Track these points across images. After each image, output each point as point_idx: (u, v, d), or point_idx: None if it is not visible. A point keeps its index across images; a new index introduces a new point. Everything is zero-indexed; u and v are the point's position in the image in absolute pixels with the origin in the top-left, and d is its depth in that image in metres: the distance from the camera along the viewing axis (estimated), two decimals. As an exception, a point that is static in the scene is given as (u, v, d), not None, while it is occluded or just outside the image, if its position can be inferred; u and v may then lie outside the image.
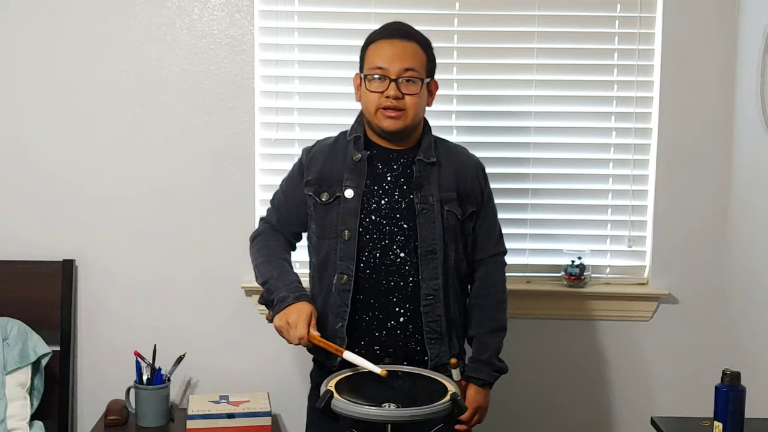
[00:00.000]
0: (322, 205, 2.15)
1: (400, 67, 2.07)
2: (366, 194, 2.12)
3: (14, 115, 2.77)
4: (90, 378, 2.85)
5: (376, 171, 2.14)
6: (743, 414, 1.90)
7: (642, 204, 2.87)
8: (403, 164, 2.15)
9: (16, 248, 2.77)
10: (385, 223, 2.11)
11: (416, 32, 2.15)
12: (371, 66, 2.09)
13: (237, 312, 2.83)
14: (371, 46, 2.13)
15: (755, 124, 2.60)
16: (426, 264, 2.10)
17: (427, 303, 2.11)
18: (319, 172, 2.17)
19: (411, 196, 2.12)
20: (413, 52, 2.10)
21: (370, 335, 2.11)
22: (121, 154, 2.78)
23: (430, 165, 2.14)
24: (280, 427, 2.83)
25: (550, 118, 2.84)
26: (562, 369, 2.90)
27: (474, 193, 2.20)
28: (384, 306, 2.11)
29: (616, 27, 2.82)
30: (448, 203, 2.14)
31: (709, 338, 2.84)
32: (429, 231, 2.11)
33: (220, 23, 2.77)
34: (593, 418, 2.92)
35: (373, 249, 2.11)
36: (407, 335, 2.12)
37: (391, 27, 2.15)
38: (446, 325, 2.13)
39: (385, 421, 1.71)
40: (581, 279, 2.82)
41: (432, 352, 2.12)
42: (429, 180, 2.13)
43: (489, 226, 2.25)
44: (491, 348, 2.20)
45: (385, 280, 2.11)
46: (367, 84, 2.09)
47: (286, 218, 2.25)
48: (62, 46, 2.75)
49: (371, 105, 2.10)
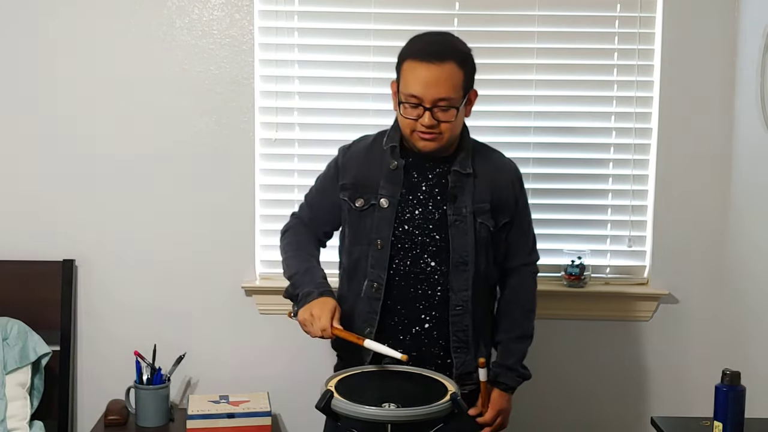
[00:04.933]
0: (357, 211, 2.13)
1: (435, 96, 1.97)
2: (401, 203, 2.10)
3: (14, 115, 2.77)
4: (90, 378, 2.85)
5: (412, 180, 2.11)
6: (743, 414, 1.90)
7: (642, 204, 2.87)
8: (438, 174, 2.11)
9: (16, 248, 2.77)
10: (418, 233, 2.09)
11: (453, 48, 2.03)
12: (405, 92, 2.00)
13: (237, 312, 2.83)
14: (407, 65, 2.01)
15: (755, 124, 2.60)
16: (457, 275, 2.09)
17: (456, 313, 2.10)
18: (354, 177, 2.15)
19: (444, 207, 2.09)
20: (448, 77, 1.98)
21: (394, 339, 2.10)
22: (121, 154, 2.78)
23: (465, 176, 2.11)
24: (280, 427, 2.83)
25: (550, 118, 2.84)
26: (561, 369, 2.90)
27: (508, 203, 2.17)
28: (410, 312, 2.10)
29: (616, 27, 2.82)
30: (482, 215, 2.11)
31: (709, 338, 2.84)
32: (461, 243, 2.09)
33: (220, 23, 2.77)
34: (593, 418, 2.92)
35: (405, 257, 2.10)
36: (431, 340, 2.11)
37: (427, 48, 2.01)
38: (473, 334, 2.12)
39: (385, 421, 1.71)
40: (581, 279, 2.82)
41: (458, 360, 2.12)
42: (463, 191, 2.10)
43: (522, 234, 2.23)
44: (516, 354, 2.20)
45: (413, 288, 2.10)
46: (402, 109, 2.03)
47: (318, 217, 2.24)
48: (62, 46, 2.75)
49: (406, 127, 2.05)
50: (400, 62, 2.05)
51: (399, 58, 2.06)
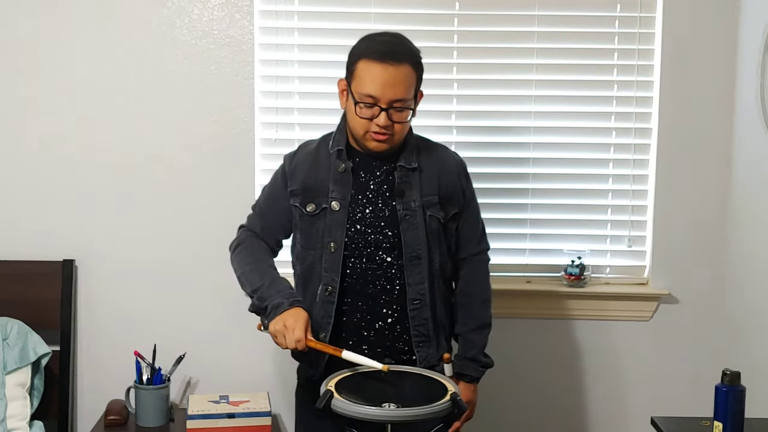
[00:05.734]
0: (308, 216, 2.13)
1: (391, 97, 1.99)
2: (351, 204, 2.11)
3: (14, 115, 2.77)
4: (90, 378, 2.85)
5: (360, 180, 2.13)
6: (743, 414, 1.90)
7: (642, 204, 2.87)
8: (385, 171, 2.13)
9: (16, 248, 2.77)
10: (370, 231, 2.11)
11: (407, 49, 2.05)
12: (361, 92, 2.00)
13: (237, 312, 2.81)
14: (361, 64, 2.02)
15: (755, 124, 2.60)
16: (411, 269, 2.10)
17: (414, 307, 2.11)
18: (303, 182, 2.15)
19: (393, 203, 2.11)
20: (404, 78, 2.00)
21: (358, 335, 2.12)
22: (121, 154, 2.78)
23: (411, 171, 2.13)
24: (280, 427, 2.83)
25: (550, 118, 2.84)
26: (562, 369, 2.90)
27: (456, 194, 2.19)
28: (371, 308, 2.11)
29: (616, 27, 2.82)
30: (430, 208, 2.13)
31: (709, 338, 2.84)
32: (413, 237, 2.10)
33: (220, 23, 2.77)
34: (593, 418, 2.92)
35: (360, 256, 2.11)
36: (395, 335, 2.12)
37: (383, 48, 2.01)
38: (433, 328, 2.13)
39: (385, 421, 1.71)
40: (581, 279, 2.82)
41: (420, 354, 2.12)
42: (411, 186, 2.12)
43: (471, 225, 2.24)
44: (477, 345, 2.21)
45: (371, 284, 2.11)
46: (357, 109, 2.02)
47: (270, 225, 2.23)
48: (62, 46, 2.75)
49: (360, 128, 2.05)
50: (353, 61, 2.06)
51: (352, 57, 2.07)
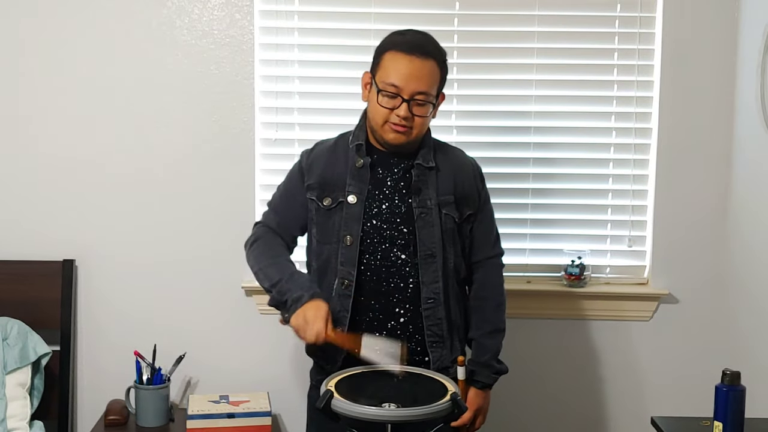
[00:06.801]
0: (325, 210, 2.15)
1: (414, 89, 2.02)
2: (368, 199, 2.12)
3: (14, 115, 2.77)
4: (90, 378, 2.85)
5: (377, 176, 2.14)
6: (743, 414, 1.90)
7: (642, 204, 2.87)
8: (403, 169, 2.15)
9: (16, 248, 2.77)
10: (386, 227, 2.12)
11: (435, 47, 2.09)
12: (385, 81, 2.04)
13: (237, 312, 2.83)
14: (388, 55, 2.05)
15: (755, 124, 2.60)
16: (426, 267, 2.11)
17: (428, 306, 2.11)
18: (320, 177, 2.17)
19: (410, 200, 2.12)
20: (429, 73, 2.05)
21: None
22: (121, 154, 2.78)
23: (428, 169, 2.14)
24: (280, 427, 2.83)
25: (550, 118, 2.84)
26: (561, 369, 2.90)
27: (471, 195, 2.20)
28: (384, 307, 2.12)
29: (616, 27, 2.82)
30: (446, 207, 2.14)
31: (709, 338, 2.84)
32: (428, 235, 2.11)
33: (220, 23, 2.77)
34: (593, 418, 2.92)
35: (374, 252, 2.11)
36: (408, 335, 2.12)
37: (411, 41, 2.06)
38: (447, 328, 2.13)
39: (385, 421, 1.72)
40: (581, 279, 2.82)
41: (434, 355, 2.12)
42: (427, 184, 2.14)
43: (486, 228, 2.25)
44: (490, 350, 2.20)
45: (385, 282, 2.11)
46: (379, 98, 2.05)
47: (287, 220, 2.24)
48: (62, 46, 2.75)
49: (380, 117, 2.07)
50: (380, 53, 2.09)
51: (379, 49, 2.10)
